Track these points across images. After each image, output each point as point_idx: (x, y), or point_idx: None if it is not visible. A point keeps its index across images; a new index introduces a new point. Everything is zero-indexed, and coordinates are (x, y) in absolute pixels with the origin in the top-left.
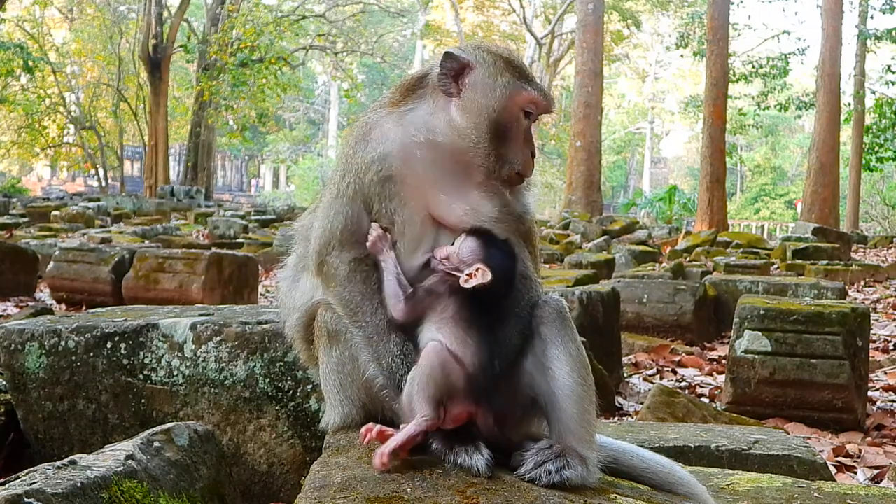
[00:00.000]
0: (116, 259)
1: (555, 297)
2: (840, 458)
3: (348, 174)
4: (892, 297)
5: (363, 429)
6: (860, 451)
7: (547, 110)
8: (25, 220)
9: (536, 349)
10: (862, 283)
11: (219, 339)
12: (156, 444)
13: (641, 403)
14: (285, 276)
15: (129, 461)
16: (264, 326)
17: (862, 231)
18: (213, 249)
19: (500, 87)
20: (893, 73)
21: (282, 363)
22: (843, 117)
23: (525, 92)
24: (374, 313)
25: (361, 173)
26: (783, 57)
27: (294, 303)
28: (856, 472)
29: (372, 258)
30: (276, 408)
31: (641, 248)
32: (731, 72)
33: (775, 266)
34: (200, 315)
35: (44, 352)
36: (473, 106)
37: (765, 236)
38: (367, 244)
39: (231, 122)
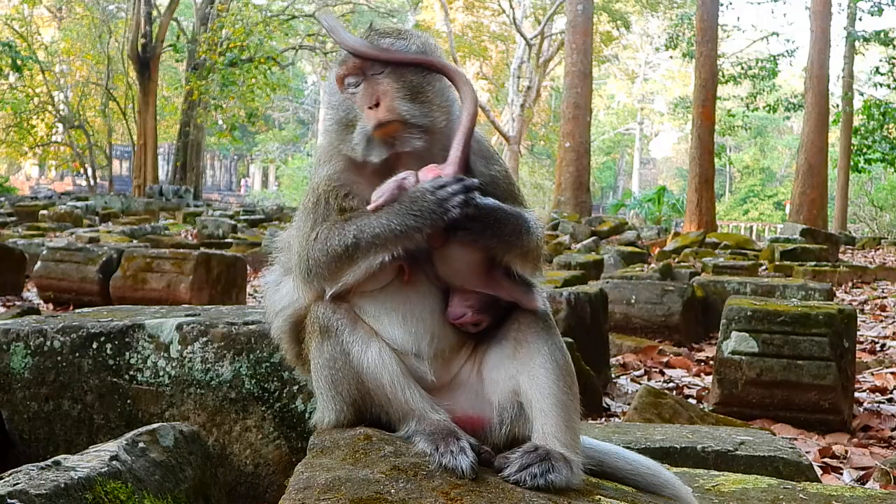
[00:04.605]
0: (104, 258)
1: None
2: (826, 459)
3: (309, 193)
4: (879, 298)
5: None
6: (846, 452)
7: (357, 68)
8: (13, 219)
9: (522, 356)
10: (849, 284)
11: (205, 339)
12: (141, 444)
13: (628, 404)
14: (269, 280)
15: (114, 462)
16: (251, 327)
17: (850, 232)
18: (202, 249)
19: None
20: (881, 74)
21: (268, 364)
22: (831, 119)
23: (333, 71)
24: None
25: (316, 188)
26: (772, 58)
27: (278, 306)
28: (842, 473)
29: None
30: (262, 408)
31: (630, 248)
32: (720, 73)
33: (763, 267)
34: (187, 315)
35: (29, 352)
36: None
37: (753, 237)
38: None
39: (220, 122)
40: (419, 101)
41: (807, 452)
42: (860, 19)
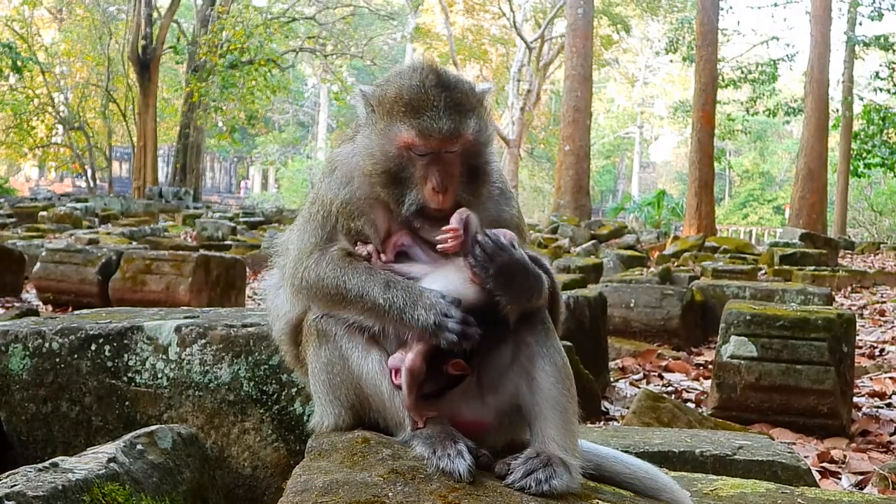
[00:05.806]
0: (103, 260)
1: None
2: (825, 464)
3: (317, 203)
4: (878, 302)
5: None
6: (845, 456)
7: (435, 148)
8: (13, 220)
9: (522, 359)
10: (849, 288)
11: (203, 341)
12: (139, 446)
13: (627, 408)
14: (270, 284)
15: (112, 464)
16: (249, 329)
17: (849, 237)
18: (201, 251)
19: (381, 130)
20: (881, 79)
21: (266, 366)
22: (831, 123)
23: (402, 134)
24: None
25: (328, 203)
26: (772, 63)
27: (279, 310)
28: (840, 478)
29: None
30: (261, 411)
31: (629, 252)
32: (720, 77)
33: (763, 271)
34: (185, 317)
35: (28, 353)
36: (366, 148)
37: (752, 241)
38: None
39: (220, 124)
40: (474, 183)
41: (805, 457)
42: (860, 24)
